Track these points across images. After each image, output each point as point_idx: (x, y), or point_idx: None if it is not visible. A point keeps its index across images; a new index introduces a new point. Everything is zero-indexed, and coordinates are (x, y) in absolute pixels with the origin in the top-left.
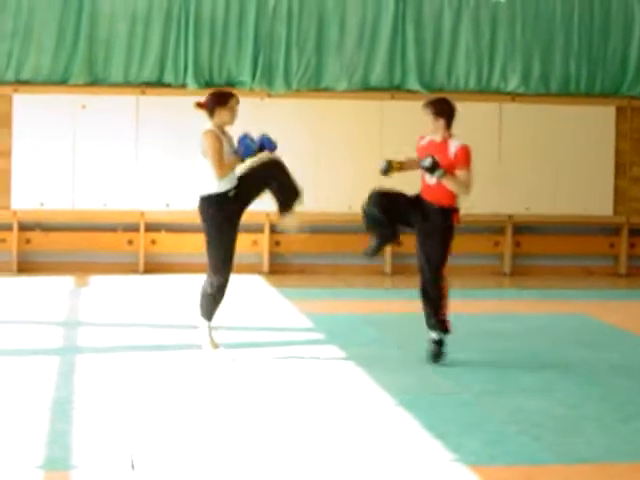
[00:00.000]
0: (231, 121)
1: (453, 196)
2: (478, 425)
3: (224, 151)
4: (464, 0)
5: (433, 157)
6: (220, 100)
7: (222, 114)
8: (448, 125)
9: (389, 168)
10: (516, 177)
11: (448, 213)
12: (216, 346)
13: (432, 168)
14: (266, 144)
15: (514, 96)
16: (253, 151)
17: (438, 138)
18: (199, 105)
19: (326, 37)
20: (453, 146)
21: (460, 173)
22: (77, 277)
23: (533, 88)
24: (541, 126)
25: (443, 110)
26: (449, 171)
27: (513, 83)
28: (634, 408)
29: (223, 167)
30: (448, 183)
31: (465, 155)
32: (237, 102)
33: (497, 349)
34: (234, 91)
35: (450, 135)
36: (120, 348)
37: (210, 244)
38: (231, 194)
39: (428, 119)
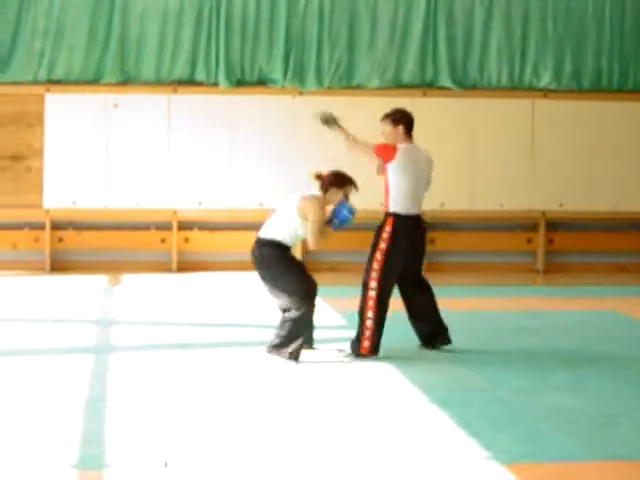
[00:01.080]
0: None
1: (387, 199)
2: (512, 422)
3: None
4: None
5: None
6: (339, 182)
7: (335, 195)
8: (407, 131)
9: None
10: (549, 173)
11: (385, 218)
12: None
13: (326, 120)
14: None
15: (546, 92)
16: (347, 221)
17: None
18: (318, 177)
19: (357, 34)
20: None
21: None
22: (110, 276)
23: (565, 84)
24: (574, 122)
25: (400, 119)
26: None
27: (545, 79)
28: None
29: (320, 239)
30: (346, 138)
31: (383, 146)
32: (353, 189)
33: (530, 346)
34: (266, 89)
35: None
36: (153, 347)
37: (284, 279)
38: (290, 251)
39: (387, 130)
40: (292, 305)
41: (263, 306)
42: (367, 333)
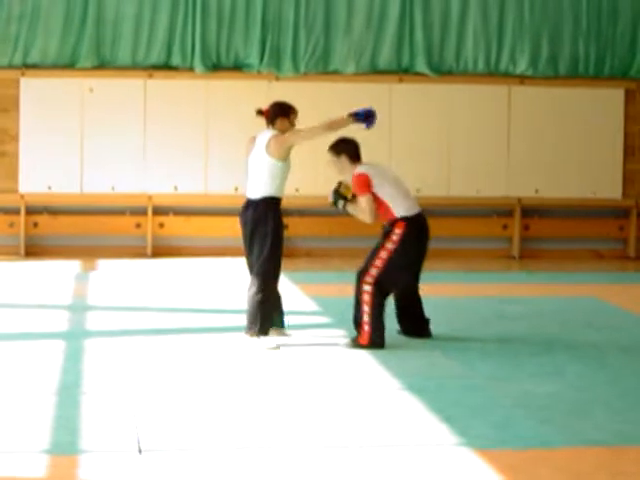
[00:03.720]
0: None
1: (391, 211)
2: (486, 409)
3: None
4: None
5: (336, 190)
6: (283, 111)
7: (284, 124)
8: (352, 159)
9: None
10: (525, 160)
11: (392, 224)
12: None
13: (334, 201)
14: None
15: (523, 79)
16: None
17: (349, 177)
18: (260, 112)
19: (334, 19)
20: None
21: (358, 199)
22: (85, 261)
23: (542, 71)
24: (550, 109)
25: (341, 148)
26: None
27: (522, 65)
28: None
29: (318, 130)
30: (352, 211)
31: (356, 181)
32: (296, 116)
33: (506, 332)
34: (242, 74)
35: (357, 167)
36: (128, 332)
37: (268, 248)
38: (280, 205)
39: (332, 164)
40: (260, 268)
41: (238, 292)
42: (365, 327)
